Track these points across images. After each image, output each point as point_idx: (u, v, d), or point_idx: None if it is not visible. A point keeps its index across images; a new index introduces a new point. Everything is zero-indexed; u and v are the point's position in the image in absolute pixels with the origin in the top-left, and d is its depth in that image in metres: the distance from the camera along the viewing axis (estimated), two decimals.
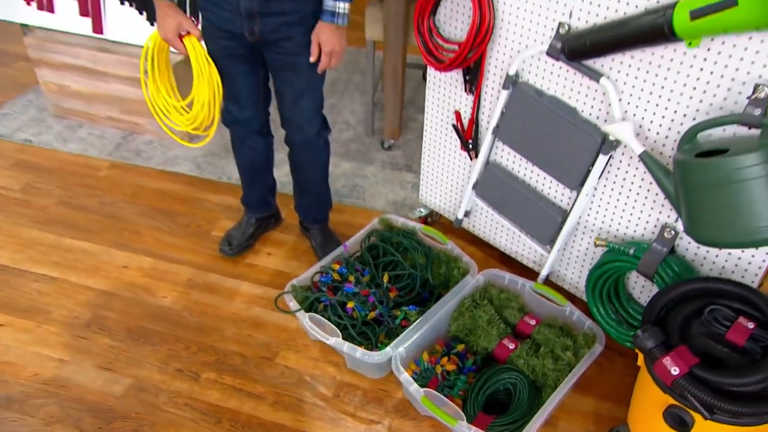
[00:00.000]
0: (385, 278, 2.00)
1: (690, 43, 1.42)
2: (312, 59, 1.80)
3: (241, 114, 2.01)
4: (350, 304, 1.88)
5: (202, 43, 1.83)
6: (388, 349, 1.78)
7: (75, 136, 2.90)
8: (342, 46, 1.81)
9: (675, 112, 1.55)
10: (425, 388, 1.68)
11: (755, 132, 1.39)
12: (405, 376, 1.72)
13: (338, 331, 1.83)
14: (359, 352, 1.77)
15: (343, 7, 1.73)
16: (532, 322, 1.91)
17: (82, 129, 2.95)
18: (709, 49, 1.43)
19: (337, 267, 2.02)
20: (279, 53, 1.82)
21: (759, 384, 1.31)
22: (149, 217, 2.45)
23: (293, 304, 1.92)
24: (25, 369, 1.87)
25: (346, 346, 1.79)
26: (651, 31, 1.46)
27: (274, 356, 1.95)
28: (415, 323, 1.86)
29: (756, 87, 1.35)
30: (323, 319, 1.87)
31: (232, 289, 2.17)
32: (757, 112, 1.36)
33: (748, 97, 1.38)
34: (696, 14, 1.34)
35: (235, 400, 1.81)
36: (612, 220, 1.83)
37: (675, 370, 1.36)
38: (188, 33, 1.80)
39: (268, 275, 2.23)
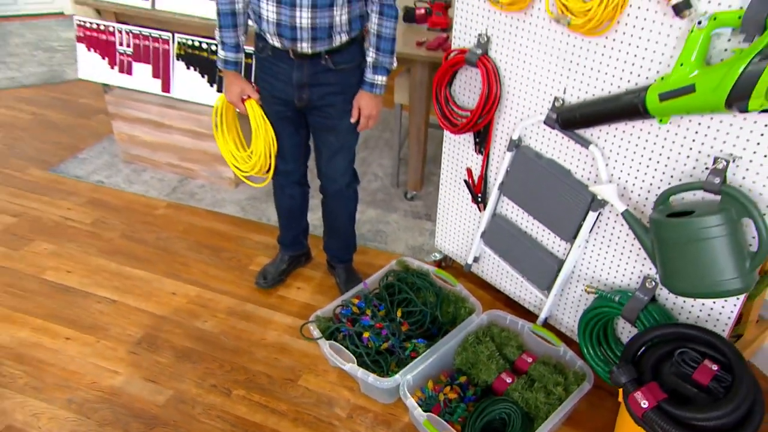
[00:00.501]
0: (399, 313, 2.13)
1: (661, 120, 1.57)
2: (352, 120, 2.01)
3: (284, 167, 2.20)
4: (366, 334, 2.02)
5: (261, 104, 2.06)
6: (397, 376, 1.89)
7: (139, 179, 3.17)
8: (378, 111, 2.02)
9: (652, 177, 1.69)
10: (428, 413, 1.79)
11: (717, 197, 1.52)
12: (411, 401, 1.84)
13: (354, 358, 1.96)
14: (371, 377, 1.90)
15: (381, 80, 1.95)
16: (529, 360, 2.00)
17: (145, 173, 3.22)
18: (678, 126, 1.57)
19: (356, 301, 2.17)
20: (321, 117, 2.03)
21: (719, 420, 1.40)
22: (197, 252, 2.66)
23: (316, 333, 2.08)
24: (85, 377, 2.06)
25: (360, 372, 1.92)
26: (629, 109, 1.61)
27: (297, 378, 2.09)
28: (422, 355, 1.98)
29: (715, 159, 1.49)
30: (341, 347, 2.01)
31: (265, 318, 2.33)
32: (717, 180, 1.49)
33: (708, 167, 1.52)
34: (663, 97, 1.49)
35: (261, 415, 1.95)
36: (601, 269, 1.94)
37: (645, 404, 1.46)
38: (249, 97, 2.03)
39: (296, 307, 2.38)
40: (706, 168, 1.54)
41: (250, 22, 1.98)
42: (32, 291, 2.41)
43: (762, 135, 1.42)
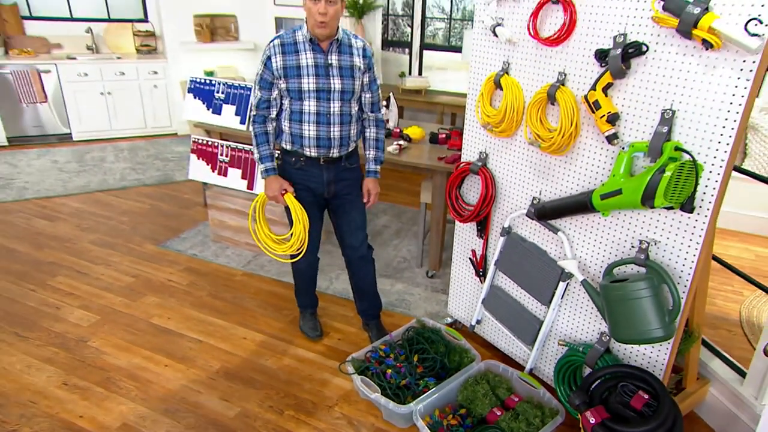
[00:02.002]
0: (415, 358, 2.40)
1: (603, 213, 1.88)
2: (365, 200, 2.46)
3: (311, 243, 2.47)
4: (389, 371, 2.31)
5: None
6: (411, 404, 2.14)
7: (224, 254, 3.61)
8: (378, 189, 2.48)
9: (602, 254, 1.98)
10: None
11: (644, 269, 1.82)
12: (421, 423, 2.07)
13: (379, 390, 2.23)
14: (391, 404, 2.15)
15: (379, 168, 2.46)
16: (516, 399, 2.21)
17: (228, 249, 3.67)
18: (616, 218, 1.88)
19: (383, 347, 2.47)
20: (344, 202, 2.45)
21: None
22: (263, 308, 3.01)
23: (351, 369, 2.37)
24: (177, 394, 2.36)
25: (383, 400, 2.18)
26: (582, 206, 1.91)
27: (334, 405, 2.33)
28: (432, 390, 2.22)
29: (640, 242, 1.80)
30: (370, 381, 2.29)
31: (312, 360, 2.61)
32: (642, 257, 1.78)
33: (634, 247, 1.84)
34: (603, 197, 1.80)
35: (304, 430, 2.21)
36: (570, 327, 2.18)
37: (593, 420, 1.69)
38: (286, 191, 2.34)
39: (336, 352, 2.66)
40: (633, 248, 1.86)
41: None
42: (143, 330, 2.78)
43: (671, 225, 1.75)
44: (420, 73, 5.87)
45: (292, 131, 2.28)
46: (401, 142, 3.21)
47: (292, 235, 2.38)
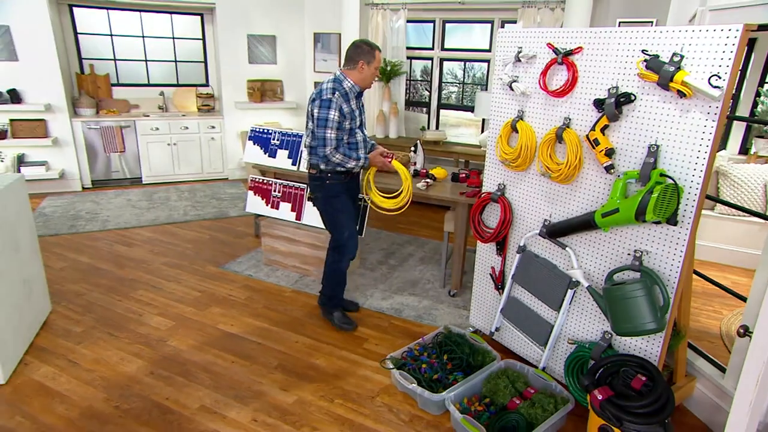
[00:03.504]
0: (445, 357, 2.56)
1: (604, 229, 2.10)
2: (388, 158, 2.92)
3: (353, 237, 2.89)
4: (424, 365, 2.46)
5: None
6: (443, 393, 2.28)
7: (274, 274, 3.82)
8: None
9: (603, 264, 2.17)
10: (464, 415, 2.17)
11: (638, 274, 2.00)
12: (453, 408, 2.20)
13: (416, 381, 2.38)
14: (426, 393, 2.30)
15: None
16: (532, 391, 2.34)
17: (278, 271, 3.87)
18: (615, 233, 2.08)
19: (417, 348, 2.63)
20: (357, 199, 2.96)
21: (645, 407, 1.75)
22: (310, 318, 3.17)
23: (390, 365, 2.53)
24: (244, 384, 2.51)
25: (419, 390, 2.32)
26: (586, 224, 2.11)
27: (375, 396, 2.47)
28: (461, 382, 2.37)
29: (635, 251, 2.00)
30: (407, 374, 2.45)
31: (355, 360, 2.75)
32: (637, 263, 1.98)
33: (629, 256, 2.03)
34: (603, 215, 2.01)
35: (352, 415, 2.34)
36: (578, 328, 2.33)
37: (600, 396, 1.83)
38: (393, 158, 2.82)
39: (375, 354, 2.80)
40: (629, 256, 2.05)
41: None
42: (211, 334, 2.97)
43: (659, 237, 1.94)
44: (437, 128, 6.23)
45: (349, 156, 2.73)
46: (428, 180, 3.47)
47: (401, 192, 2.87)
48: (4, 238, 2.48)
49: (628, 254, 2.04)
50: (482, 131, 5.91)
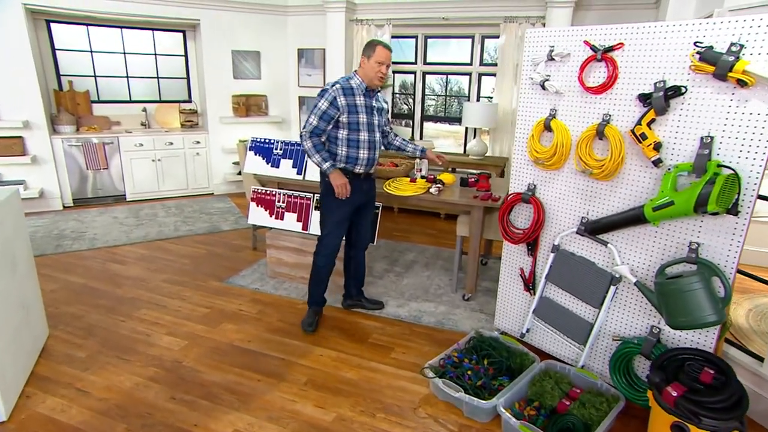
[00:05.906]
0: (485, 362, 2.37)
1: (654, 223, 1.97)
2: (439, 162, 2.99)
3: (339, 241, 2.79)
4: (468, 372, 2.26)
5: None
6: (493, 400, 2.09)
7: (282, 287, 3.52)
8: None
9: (649, 259, 2.05)
10: (521, 421, 1.97)
11: (694, 266, 1.89)
12: (506, 414, 2.01)
13: (461, 389, 2.17)
14: (476, 401, 2.10)
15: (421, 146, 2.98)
16: (578, 391, 2.18)
17: (285, 283, 3.58)
18: (663, 227, 1.97)
19: (455, 354, 2.43)
20: (369, 205, 2.87)
21: (723, 402, 1.61)
22: (331, 330, 2.91)
23: (431, 374, 2.30)
24: (275, 403, 2.23)
25: (467, 397, 2.12)
26: (634, 219, 1.99)
27: (417, 407, 2.24)
28: (507, 387, 2.19)
29: (690, 243, 1.89)
30: (451, 382, 2.24)
31: (386, 370, 2.52)
32: (694, 255, 1.87)
33: (680, 249, 1.91)
34: (655, 209, 1.89)
35: (398, 429, 2.09)
36: (620, 324, 2.21)
37: (674, 393, 1.69)
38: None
39: (405, 363, 2.58)
40: (680, 250, 1.93)
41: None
42: (228, 352, 2.65)
43: (712, 229, 1.85)
44: (421, 139, 6.10)
45: (348, 154, 2.61)
46: (439, 185, 3.30)
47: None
48: (2, 257, 2.09)
49: (677, 248, 1.93)
50: (465, 141, 5.83)
